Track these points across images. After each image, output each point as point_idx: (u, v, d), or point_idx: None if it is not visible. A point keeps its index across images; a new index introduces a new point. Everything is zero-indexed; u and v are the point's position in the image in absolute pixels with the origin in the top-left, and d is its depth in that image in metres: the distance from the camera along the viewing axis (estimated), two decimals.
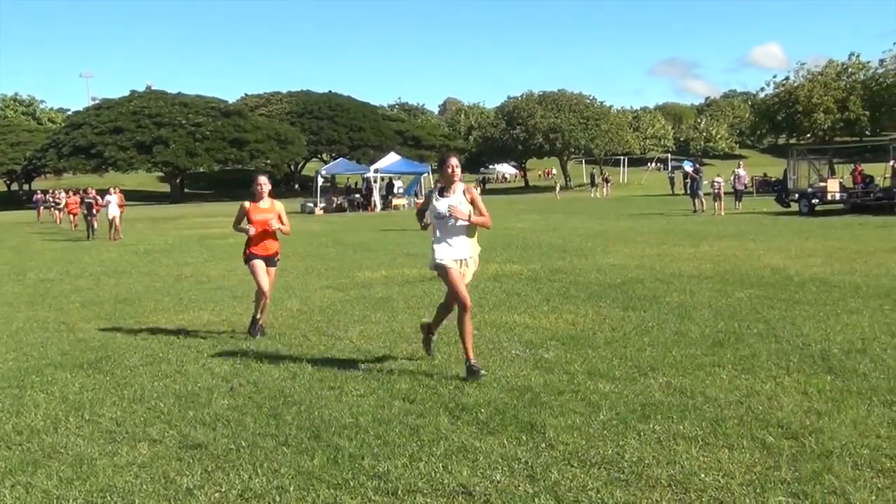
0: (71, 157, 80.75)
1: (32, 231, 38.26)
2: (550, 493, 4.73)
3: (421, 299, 12.21)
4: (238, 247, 12.80)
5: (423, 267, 16.30)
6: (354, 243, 23.97)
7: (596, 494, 4.69)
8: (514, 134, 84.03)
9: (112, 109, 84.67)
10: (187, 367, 8.33)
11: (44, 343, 9.95)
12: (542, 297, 12.01)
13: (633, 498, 4.63)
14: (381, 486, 4.95)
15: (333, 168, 59.99)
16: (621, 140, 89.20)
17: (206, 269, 17.73)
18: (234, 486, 5.03)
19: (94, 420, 6.56)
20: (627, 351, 8.20)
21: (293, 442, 5.78)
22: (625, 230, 24.77)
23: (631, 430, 5.74)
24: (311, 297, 13.00)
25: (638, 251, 18.03)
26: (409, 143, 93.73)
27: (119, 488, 5.09)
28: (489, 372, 7.50)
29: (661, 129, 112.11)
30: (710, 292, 11.79)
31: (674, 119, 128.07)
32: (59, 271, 18.77)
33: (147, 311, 12.15)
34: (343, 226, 33.83)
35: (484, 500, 4.69)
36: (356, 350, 8.82)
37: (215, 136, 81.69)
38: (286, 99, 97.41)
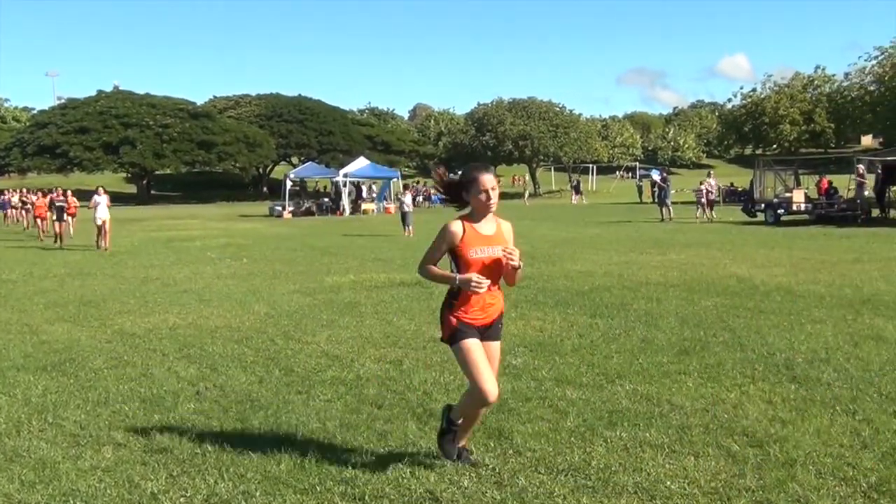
0: (35, 157, 79.67)
1: None
2: (517, 500, 4.74)
3: (389, 304, 12.19)
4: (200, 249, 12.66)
5: (391, 272, 16.32)
6: (322, 247, 23.90)
7: (563, 501, 4.71)
8: (484, 140, 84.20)
9: (78, 109, 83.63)
10: (153, 370, 8.26)
11: (6, 345, 9.81)
12: (509, 303, 11.94)
13: None
14: (348, 491, 4.93)
15: (302, 172, 59.84)
16: (590, 148, 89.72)
17: (173, 272, 17.58)
18: (200, 491, 4.99)
19: (58, 423, 6.48)
20: (595, 358, 8.24)
21: (260, 447, 5.74)
22: (593, 237, 24.91)
23: (598, 437, 5.77)
24: (278, 301, 12.94)
25: (606, 258, 18.14)
26: (378, 148, 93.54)
27: (83, 492, 5.03)
28: (456, 378, 7.50)
29: (630, 137, 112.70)
30: (677, 300, 11.88)
31: (642, 128, 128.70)
32: (23, 272, 18.52)
33: (112, 314, 12.03)
34: (311, 230, 33.70)
35: None
36: (324, 355, 8.79)
37: (183, 137, 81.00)
38: (255, 101, 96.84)
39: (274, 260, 19.94)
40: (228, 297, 13.44)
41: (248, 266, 18.62)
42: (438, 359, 8.39)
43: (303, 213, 49.35)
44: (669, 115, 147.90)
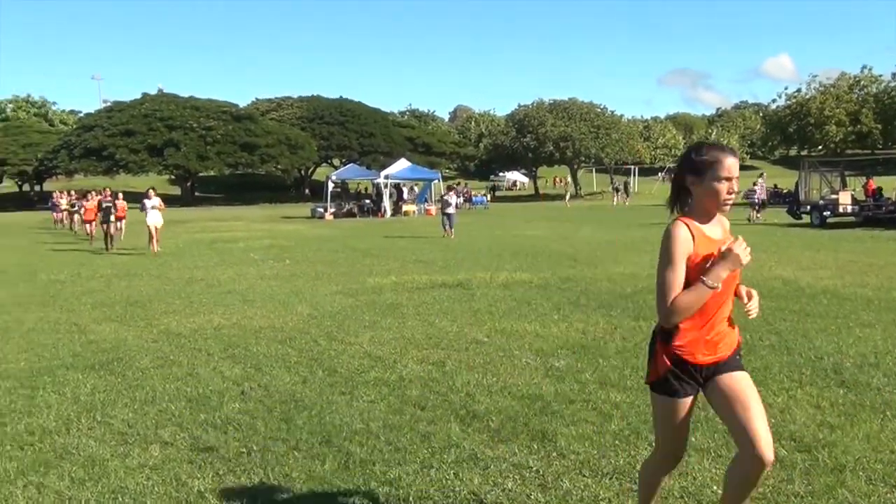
0: (82, 159, 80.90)
1: (43, 232, 38.29)
2: (562, 503, 4.72)
3: (430, 305, 12.20)
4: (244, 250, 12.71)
5: (433, 273, 16.34)
6: (364, 249, 23.99)
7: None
8: (525, 142, 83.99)
9: (123, 112, 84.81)
10: (198, 370, 8.35)
11: (55, 344, 9.98)
12: (552, 305, 11.99)
13: None
14: (392, 492, 4.95)
15: (344, 173, 60.07)
16: (632, 149, 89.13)
17: (217, 273, 17.75)
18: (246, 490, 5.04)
19: (106, 421, 6.58)
20: (639, 361, 8.16)
21: (304, 447, 5.79)
22: (635, 239, 24.74)
23: (643, 440, 5.73)
24: (321, 302, 13.01)
25: (649, 261, 17.98)
26: (419, 149, 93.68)
27: (131, 490, 5.10)
28: (499, 379, 7.50)
29: (672, 138, 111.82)
30: None
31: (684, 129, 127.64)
32: (71, 273, 18.83)
33: (158, 314, 12.17)
34: (353, 231, 33.85)
35: None
36: (367, 355, 8.82)
37: (226, 139, 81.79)
38: (297, 104, 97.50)
39: (316, 261, 20.05)
40: (272, 298, 13.54)
41: (290, 267, 18.74)
42: (481, 360, 8.38)
43: (344, 215, 49.58)
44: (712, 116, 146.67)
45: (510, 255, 20.32)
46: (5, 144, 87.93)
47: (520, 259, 19.17)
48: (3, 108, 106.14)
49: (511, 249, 21.91)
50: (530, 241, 24.90)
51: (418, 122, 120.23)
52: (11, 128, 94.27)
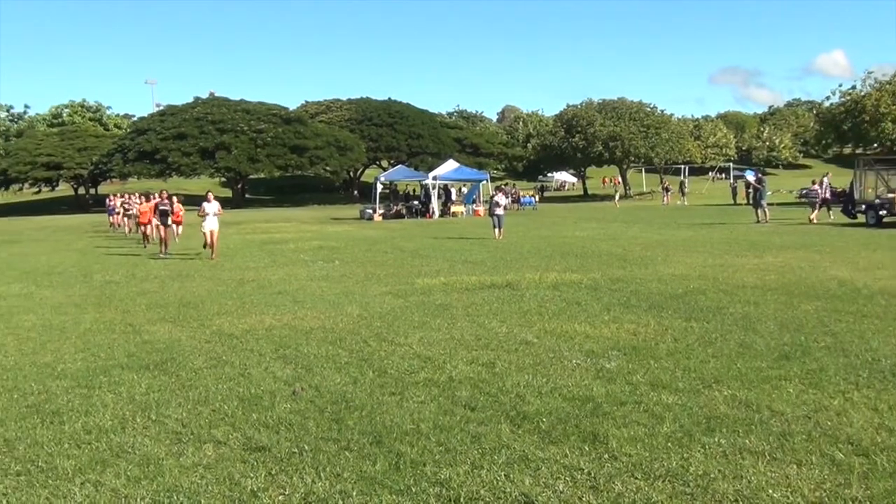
0: (136, 162, 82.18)
1: (98, 234, 38.91)
2: None
3: (480, 306, 12.19)
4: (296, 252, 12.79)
5: (482, 274, 16.34)
6: (413, 250, 24.04)
7: None
8: (574, 142, 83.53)
9: (176, 116, 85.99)
10: (250, 370, 8.43)
11: (111, 344, 10.16)
12: (602, 306, 11.92)
13: None
14: (443, 492, 4.96)
15: (392, 175, 60.24)
16: (682, 148, 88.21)
17: (268, 274, 17.91)
18: (298, 490, 5.08)
19: (161, 421, 6.68)
20: (691, 362, 8.09)
21: (355, 447, 5.82)
22: (686, 240, 24.47)
23: (696, 442, 5.67)
24: (370, 302, 13.07)
25: (700, 261, 17.80)
26: (467, 150, 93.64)
27: (185, 489, 5.17)
28: (549, 381, 7.47)
29: (723, 137, 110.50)
30: (775, 304, 11.58)
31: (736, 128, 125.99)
32: (125, 274, 19.14)
33: (211, 315, 12.33)
34: (401, 232, 33.95)
35: None
36: (416, 356, 8.83)
37: (276, 142, 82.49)
38: (346, 106, 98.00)
39: (365, 262, 20.14)
40: (322, 299, 13.64)
41: (340, 268, 18.85)
42: (531, 361, 8.36)
43: (393, 216, 49.74)
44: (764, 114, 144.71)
45: (559, 255, 20.23)
46: (62, 149, 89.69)
47: (569, 260, 19.08)
48: (59, 113, 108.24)
49: (560, 250, 21.81)
50: (579, 242, 24.76)
51: (466, 122, 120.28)
52: (67, 132, 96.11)
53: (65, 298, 14.90)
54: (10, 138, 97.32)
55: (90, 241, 34.24)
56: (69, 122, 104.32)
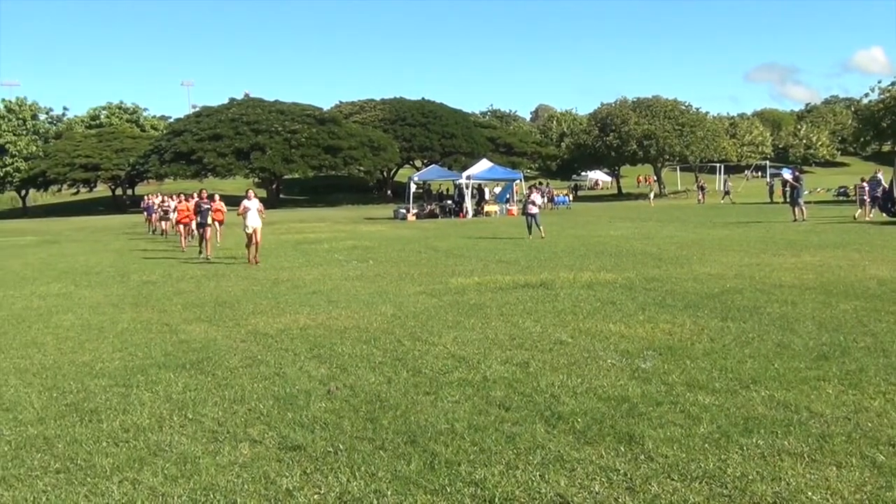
0: (172, 163, 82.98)
1: (136, 235, 39.23)
2: None
3: (514, 306, 12.16)
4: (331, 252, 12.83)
5: (515, 274, 16.30)
6: (447, 249, 24.04)
7: None
8: (608, 141, 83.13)
9: (211, 117, 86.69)
10: (285, 369, 8.47)
11: (148, 343, 10.26)
12: (637, 305, 11.84)
13: None
14: (478, 493, 4.94)
15: (426, 174, 60.28)
16: (717, 147, 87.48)
17: (302, 274, 18.00)
18: (333, 489, 5.10)
19: (197, 419, 6.73)
20: (727, 362, 8.01)
21: (390, 446, 5.82)
22: (721, 239, 24.25)
23: (733, 444, 5.61)
24: (404, 302, 13.08)
25: (736, 260, 17.63)
26: (500, 150, 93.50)
27: (222, 487, 5.20)
28: (584, 381, 7.43)
29: (759, 135, 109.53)
30: (814, 304, 11.43)
31: (772, 125, 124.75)
32: (161, 274, 19.33)
33: (246, 314, 12.40)
34: (435, 232, 33.97)
35: None
36: (450, 356, 8.83)
37: (310, 142, 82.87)
38: (379, 106, 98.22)
39: (399, 262, 20.17)
40: (356, 299, 13.67)
41: (374, 268, 18.90)
42: (565, 361, 8.32)
43: (426, 216, 49.79)
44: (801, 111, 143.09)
45: (593, 255, 20.13)
46: (99, 150, 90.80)
47: (603, 259, 18.98)
48: (97, 114, 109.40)
49: (594, 249, 21.71)
50: (614, 241, 24.63)
51: (500, 122, 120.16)
52: (105, 134, 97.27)
53: (103, 298, 15.07)
54: (50, 140, 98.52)
55: (127, 241, 34.61)
56: (107, 124, 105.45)
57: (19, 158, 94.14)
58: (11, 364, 9.27)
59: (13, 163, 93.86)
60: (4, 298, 15.42)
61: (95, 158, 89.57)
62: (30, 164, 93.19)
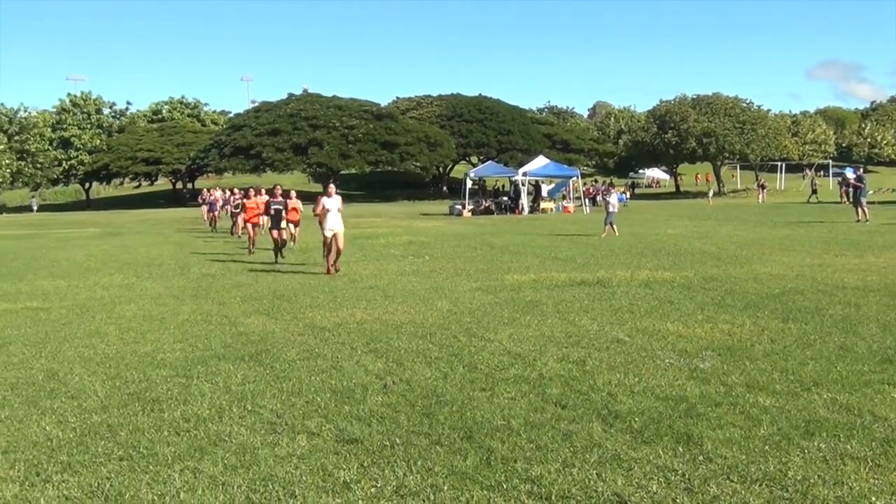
0: (231, 158, 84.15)
1: (195, 229, 39.66)
2: None
3: (570, 303, 12.10)
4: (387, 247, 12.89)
5: (572, 271, 16.23)
6: (502, 246, 24.01)
7: None
8: (666, 138, 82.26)
9: (270, 112, 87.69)
10: (342, 363, 8.54)
11: (208, 335, 10.41)
12: (695, 305, 11.71)
13: None
14: (534, 490, 4.93)
15: (482, 171, 60.29)
16: (779, 145, 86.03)
17: (359, 269, 18.10)
18: (390, 482, 5.13)
19: (256, 411, 6.81)
20: (788, 364, 7.88)
21: (446, 441, 5.84)
22: (782, 238, 23.86)
23: (794, 446, 5.52)
24: (460, 298, 13.09)
25: (797, 260, 17.33)
26: (557, 146, 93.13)
27: (280, 478, 5.26)
28: (641, 380, 7.37)
29: (822, 134, 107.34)
30: (878, 306, 11.19)
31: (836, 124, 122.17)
32: (220, 267, 19.61)
33: (303, 308, 12.52)
34: (491, 228, 33.94)
35: None
36: (506, 352, 8.82)
37: (367, 138, 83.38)
38: (436, 102, 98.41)
39: (455, 258, 20.20)
40: (412, 294, 13.73)
41: (429, 263, 18.95)
42: (622, 360, 8.26)
43: (482, 212, 49.76)
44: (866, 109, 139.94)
45: (651, 253, 19.95)
46: (161, 144, 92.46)
47: (661, 257, 18.79)
48: (159, 109, 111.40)
49: (652, 248, 21.51)
50: (672, 240, 24.38)
51: (556, 118, 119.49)
52: (167, 128, 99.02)
53: (164, 290, 15.34)
54: (113, 134, 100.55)
55: (187, 234, 35.13)
56: (168, 119, 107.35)
57: (83, 152, 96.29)
58: (76, 353, 9.48)
59: (78, 156, 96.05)
60: (69, 289, 15.78)
61: (157, 152, 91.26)
62: (93, 158, 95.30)
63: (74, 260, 22.82)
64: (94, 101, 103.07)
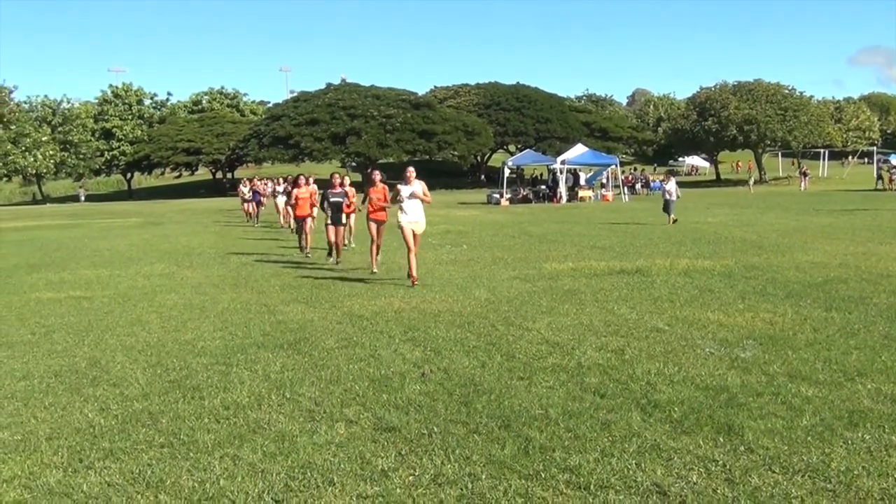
0: (270, 148, 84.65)
1: (234, 218, 39.84)
2: (751, 499, 4.54)
3: (609, 292, 12.02)
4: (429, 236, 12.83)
5: (610, 260, 16.13)
6: (540, 234, 23.92)
7: (800, 503, 4.46)
8: (706, 125, 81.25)
9: (309, 102, 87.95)
10: (380, 351, 8.55)
11: (247, 323, 10.48)
12: (736, 294, 11.57)
13: None
14: (572, 479, 4.90)
15: (520, 159, 60.06)
16: (822, 132, 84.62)
17: (396, 258, 18.07)
18: (428, 471, 5.12)
19: (295, 399, 6.85)
20: (831, 354, 7.77)
21: (484, 430, 5.82)
22: (825, 226, 23.52)
23: (837, 437, 5.43)
24: (498, 287, 13.06)
25: (841, 249, 17.07)
26: (595, 134, 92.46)
27: (318, 465, 5.28)
28: (681, 369, 7.30)
29: (866, 120, 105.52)
30: None
31: (880, 110, 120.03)
32: (259, 256, 19.74)
33: (341, 296, 12.56)
34: (529, 217, 33.83)
35: (680, 502, 4.56)
36: (544, 341, 8.78)
37: (405, 127, 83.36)
38: (474, 91, 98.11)
39: (493, 246, 20.15)
40: (450, 283, 13.71)
41: (467, 252, 18.92)
42: (661, 349, 8.19)
43: (520, 201, 49.63)
44: None
45: (690, 241, 19.76)
46: (201, 134, 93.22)
47: (700, 246, 18.61)
48: (199, 100, 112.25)
49: (691, 236, 21.30)
50: (712, 228, 24.13)
51: (595, 106, 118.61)
52: (207, 119, 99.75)
53: (204, 279, 15.47)
54: (154, 124, 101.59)
55: (227, 223, 35.38)
56: (208, 109, 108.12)
57: (125, 142, 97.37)
58: (118, 341, 9.60)
59: (119, 146, 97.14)
60: (111, 278, 15.97)
61: (197, 143, 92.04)
62: (135, 148, 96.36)
63: (116, 249, 23.10)
64: (135, 92, 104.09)
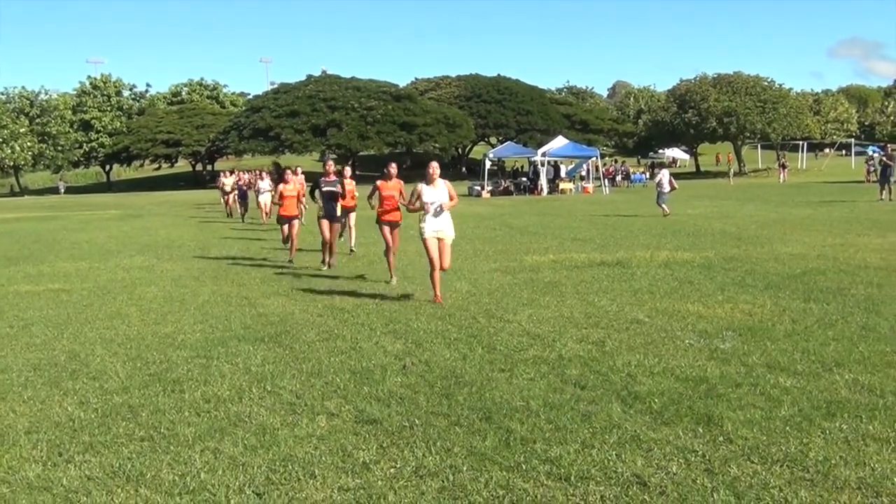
0: (251, 140, 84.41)
1: (214, 211, 39.65)
2: (730, 489, 4.57)
3: (589, 284, 12.07)
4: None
5: (591, 252, 16.18)
6: (521, 226, 23.96)
7: (779, 493, 4.50)
8: (686, 118, 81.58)
9: (289, 93, 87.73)
10: (361, 344, 8.55)
11: (227, 316, 10.45)
12: (716, 285, 11.64)
13: (819, 499, 4.43)
14: (553, 471, 4.93)
15: (501, 152, 60.12)
16: (801, 124, 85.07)
17: (377, 249, 18.06)
18: (409, 463, 5.13)
19: (276, 392, 6.84)
20: (810, 345, 7.83)
21: (465, 422, 5.84)
22: (804, 218, 23.68)
23: (815, 427, 5.48)
24: (479, 279, 13.07)
25: (819, 240, 17.19)
26: (576, 126, 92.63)
27: (300, 458, 5.28)
28: (661, 361, 7.34)
29: (844, 112, 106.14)
30: None
31: (858, 102, 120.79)
32: (240, 249, 19.67)
33: (322, 289, 12.54)
34: (510, 209, 33.87)
35: (660, 492, 4.59)
36: (525, 333, 8.80)
37: (386, 119, 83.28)
38: (455, 83, 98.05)
39: (474, 238, 20.16)
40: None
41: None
42: (642, 341, 8.23)
43: (501, 193, 49.68)
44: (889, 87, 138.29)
45: (670, 233, 19.85)
46: (181, 126, 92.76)
47: (681, 238, 18.70)
48: (178, 91, 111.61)
49: (671, 228, 21.39)
50: (692, 220, 24.24)
51: (576, 98, 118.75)
52: (186, 110, 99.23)
53: (184, 271, 15.41)
54: (133, 116, 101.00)
55: (206, 216, 35.22)
56: (188, 101, 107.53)
57: (104, 134, 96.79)
58: (97, 334, 9.55)
59: (98, 138, 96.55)
60: (90, 270, 15.88)
61: (177, 134, 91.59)
62: (114, 140, 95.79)
63: (95, 242, 22.97)
64: (113, 83, 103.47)
